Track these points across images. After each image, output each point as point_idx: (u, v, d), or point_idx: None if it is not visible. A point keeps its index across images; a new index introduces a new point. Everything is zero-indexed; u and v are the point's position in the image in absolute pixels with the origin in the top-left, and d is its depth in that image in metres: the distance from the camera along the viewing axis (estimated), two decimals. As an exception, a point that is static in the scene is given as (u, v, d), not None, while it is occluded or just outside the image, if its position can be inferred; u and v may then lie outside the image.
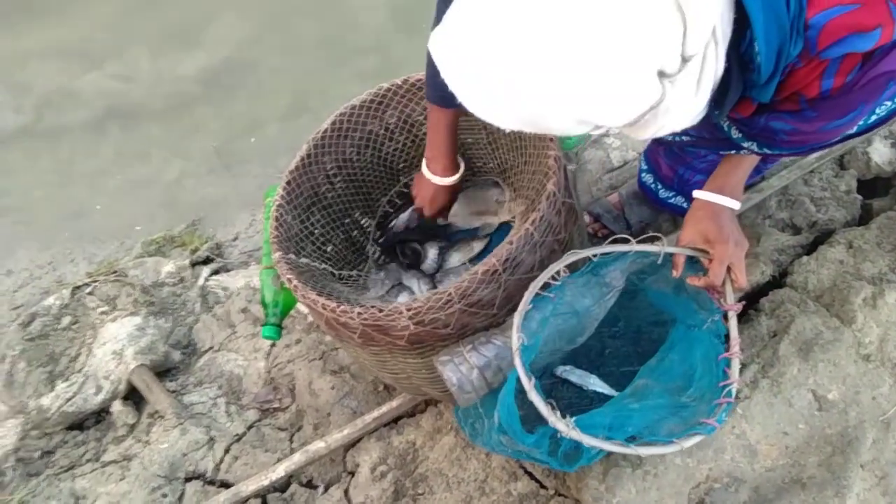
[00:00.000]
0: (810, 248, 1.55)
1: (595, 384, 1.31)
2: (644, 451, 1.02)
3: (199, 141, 2.76)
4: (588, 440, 0.99)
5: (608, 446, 1.00)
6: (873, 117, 1.05)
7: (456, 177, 1.45)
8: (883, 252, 1.45)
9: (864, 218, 1.64)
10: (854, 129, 1.05)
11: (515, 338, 1.04)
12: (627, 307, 1.25)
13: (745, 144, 1.03)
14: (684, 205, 1.62)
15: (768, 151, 1.04)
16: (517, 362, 1.02)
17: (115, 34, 3.30)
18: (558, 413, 0.99)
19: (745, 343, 1.38)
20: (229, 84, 2.96)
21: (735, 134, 1.01)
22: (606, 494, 1.20)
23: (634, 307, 1.30)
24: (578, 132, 0.78)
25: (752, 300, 1.48)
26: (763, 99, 0.87)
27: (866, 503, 1.17)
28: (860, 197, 1.68)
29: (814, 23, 0.77)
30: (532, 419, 1.04)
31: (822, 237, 1.58)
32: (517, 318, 1.06)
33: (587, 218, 1.75)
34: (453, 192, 1.51)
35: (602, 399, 1.26)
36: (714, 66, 0.77)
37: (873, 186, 1.75)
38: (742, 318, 1.46)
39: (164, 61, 3.13)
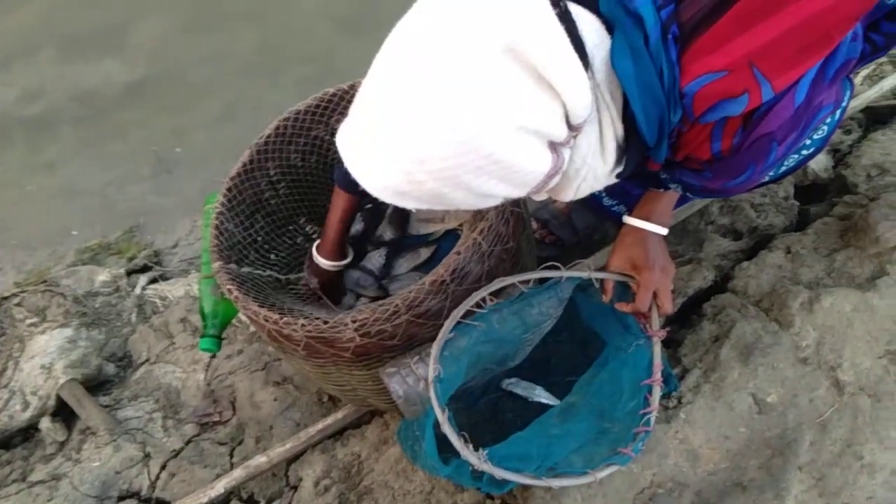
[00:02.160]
0: (751, 253, 1.58)
1: (540, 395, 1.30)
2: (556, 482, 1.00)
3: (129, 147, 2.66)
4: (500, 473, 0.96)
5: (520, 479, 0.98)
6: (783, 168, 1.13)
7: (342, 262, 1.45)
8: (819, 257, 1.49)
9: (802, 223, 1.68)
10: (766, 178, 1.13)
11: (432, 368, 1.02)
12: (570, 316, 1.24)
13: (672, 186, 1.08)
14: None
15: (691, 196, 1.11)
16: (432, 394, 1.00)
17: (24, 38, 3.14)
18: (471, 446, 0.97)
19: (688, 348, 1.39)
20: (154, 90, 2.86)
21: (663, 174, 1.05)
22: (552, 502, 1.19)
23: (577, 316, 1.30)
24: (485, 205, 0.82)
25: (695, 305, 1.50)
26: (658, 160, 0.92)
27: (804, 505, 1.20)
28: (798, 203, 1.73)
29: (687, 91, 0.81)
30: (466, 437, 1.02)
31: (762, 242, 1.62)
32: (435, 349, 1.03)
33: (534, 224, 1.75)
34: (341, 277, 1.50)
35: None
36: (612, 128, 0.83)
37: (810, 193, 1.80)
38: (685, 323, 1.48)
39: (79, 67, 2.99)
